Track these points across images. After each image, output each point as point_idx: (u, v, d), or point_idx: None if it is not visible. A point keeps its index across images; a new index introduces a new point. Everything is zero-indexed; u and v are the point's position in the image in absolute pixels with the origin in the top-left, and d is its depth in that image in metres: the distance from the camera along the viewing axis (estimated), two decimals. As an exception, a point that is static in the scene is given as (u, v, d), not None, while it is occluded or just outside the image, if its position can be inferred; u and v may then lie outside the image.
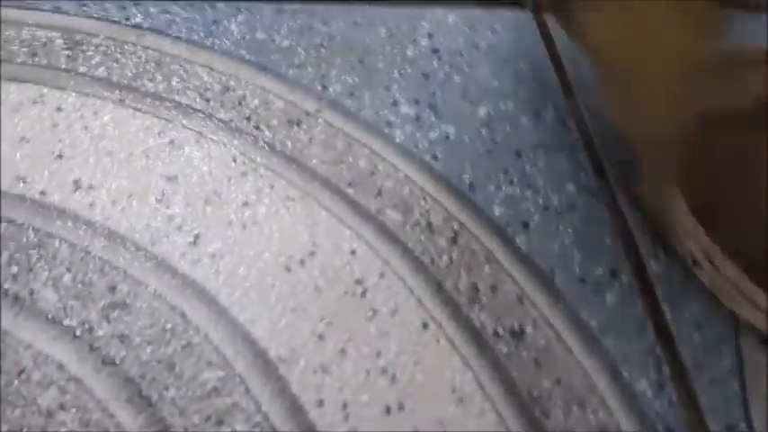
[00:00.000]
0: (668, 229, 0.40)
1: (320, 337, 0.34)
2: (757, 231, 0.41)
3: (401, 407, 0.32)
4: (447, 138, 0.42)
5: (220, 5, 0.45)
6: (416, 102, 0.43)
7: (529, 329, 0.36)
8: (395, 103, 0.43)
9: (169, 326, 0.32)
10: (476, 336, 0.35)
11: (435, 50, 0.46)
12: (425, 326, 0.35)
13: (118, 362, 0.31)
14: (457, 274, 0.37)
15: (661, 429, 0.34)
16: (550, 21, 0.50)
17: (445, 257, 0.37)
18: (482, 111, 0.44)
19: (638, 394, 0.35)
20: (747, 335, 0.38)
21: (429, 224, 0.38)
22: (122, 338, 0.32)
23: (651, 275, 0.39)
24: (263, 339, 0.33)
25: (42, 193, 0.35)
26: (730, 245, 0.39)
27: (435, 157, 0.41)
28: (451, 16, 0.48)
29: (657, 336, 0.37)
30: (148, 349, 0.31)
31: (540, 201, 0.41)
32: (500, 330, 0.36)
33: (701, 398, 0.35)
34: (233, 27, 0.44)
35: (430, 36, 0.47)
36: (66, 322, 0.32)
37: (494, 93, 0.45)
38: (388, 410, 0.32)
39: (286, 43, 0.44)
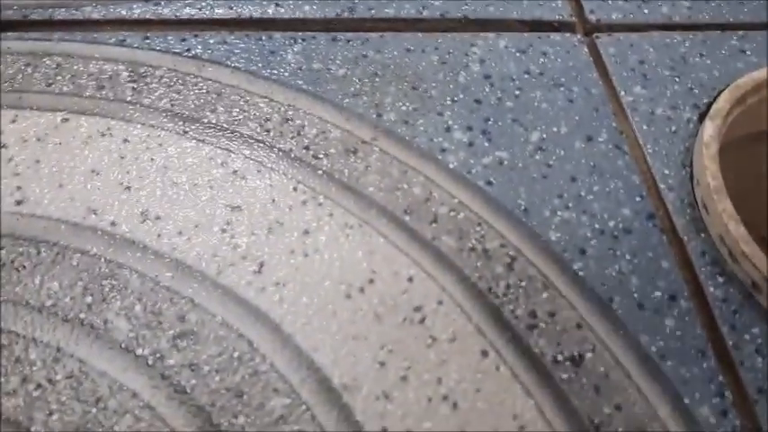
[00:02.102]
0: None
1: (381, 364, 0.34)
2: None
3: (463, 434, 0.33)
4: (501, 163, 0.43)
5: (277, 36, 0.46)
6: (469, 128, 0.44)
7: (588, 356, 0.36)
8: (448, 130, 0.44)
9: (236, 354, 0.33)
10: (535, 363, 0.35)
11: (487, 76, 0.47)
12: (485, 353, 0.35)
13: (189, 390, 0.32)
14: (515, 300, 0.37)
15: (725, 458, 0.34)
16: (600, 44, 0.50)
17: (502, 284, 0.38)
18: (535, 136, 0.44)
19: (701, 420, 0.35)
20: (810, 360, 0.38)
21: (485, 250, 0.39)
22: (192, 367, 0.33)
23: (710, 300, 0.39)
24: (326, 367, 0.33)
25: (113, 224, 0.36)
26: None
27: (489, 183, 0.42)
28: (502, 42, 0.49)
29: (719, 361, 0.37)
30: (217, 378, 0.32)
31: (597, 225, 0.41)
32: (559, 357, 0.36)
33: (764, 424, 0.35)
34: (289, 57, 0.45)
35: (481, 62, 0.47)
36: (139, 351, 0.33)
37: (546, 117, 0.45)
38: (450, 438, 0.32)
39: (341, 72, 0.45)
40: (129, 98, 0.41)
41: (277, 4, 0.48)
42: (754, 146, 0.50)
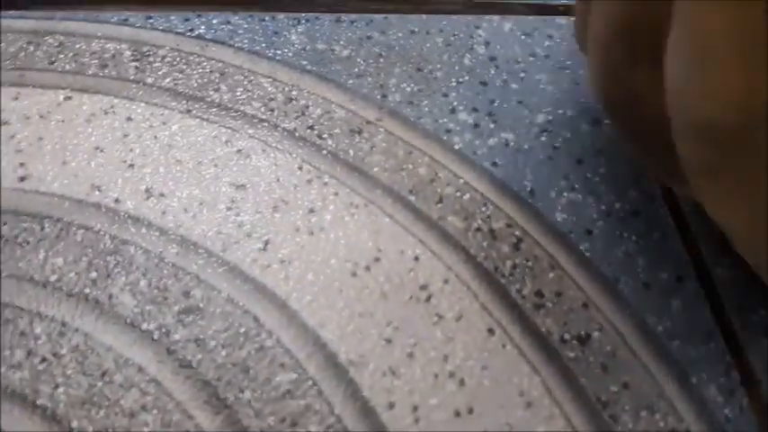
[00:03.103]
0: None
1: (388, 341, 0.34)
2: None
3: (470, 411, 0.33)
4: (506, 145, 0.43)
5: (281, 17, 0.46)
6: (475, 109, 0.44)
7: (595, 335, 0.36)
8: (453, 111, 0.44)
9: (242, 330, 0.33)
10: (542, 341, 0.36)
11: (492, 58, 0.47)
12: (491, 331, 0.36)
13: (195, 365, 0.32)
14: (521, 280, 0.37)
15: (733, 435, 0.34)
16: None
17: (509, 264, 0.38)
18: (541, 117, 0.44)
19: (708, 399, 0.35)
20: (817, 341, 0.38)
21: (491, 230, 0.39)
22: (198, 342, 0.33)
23: (717, 281, 0.39)
24: (332, 343, 0.34)
25: (116, 201, 0.37)
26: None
27: (495, 164, 0.42)
28: (507, 24, 0.49)
29: (726, 342, 0.37)
30: (223, 352, 0.33)
31: (603, 207, 0.41)
32: (566, 336, 0.36)
33: (772, 404, 0.35)
34: (293, 38, 0.45)
35: (486, 44, 0.48)
36: (144, 326, 0.33)
37: (552, 99, 0.45)
38: (457, 414, 0.33)
39: (345, 53, 0.45)
40: (132, 77, 0.42)
41: (280, -14, 0.48)
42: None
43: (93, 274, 0.34)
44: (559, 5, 0.51)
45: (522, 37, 0.49)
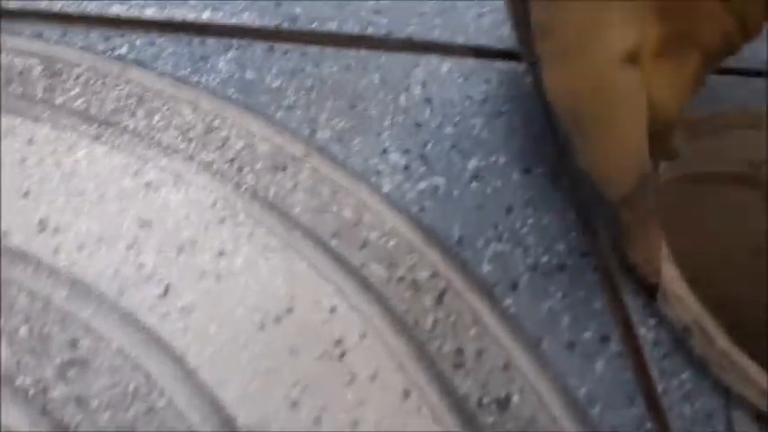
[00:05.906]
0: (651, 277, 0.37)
1: (294, 403, 0.30)
2: (752, 296, 0.38)
3: (378, 484, 0.28)
4: (436, 190, 0.39)
5: (210, 41, 0.41)
6: (407, 151, 0.40)
7: (515, 398, 0.32)
8: (384, 152, 0.40)
9: (131, 387, 0.28)
10: (459, 405, 0.31)
11: (428, 100, 0.43)
12: (407, 393, 0.31)
13: (72, 428, 0.27)
14: (442, 336, 0.33)
15: None
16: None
17: (430, 318, 0.34)
18: (472, 163, 0.41)
19: (629, 473, 0.31)
20: (739, 408, 0.35)
21: (414, 281, 0.35)
22: (79, 401, 0.28)
23: (642, 343, 0.36)
24: (232, 405, 0.29)
25: (4, 233, 0.31)
26: (724, 314, 0.36)
27: (423, 209, 0.38)
28: (446, 66, 0.45)
29: (647, 407, 0.34)
30: (107, 414, 0.27)
31: (530, 260, 0.37)
32: (485, 399, 0.32)
33: (692, 478, 0.32)
34: (221, 64, 0.41)
35: (423, 84, 0.43)
36: (19, 381, 0.27)
37: (485, 145, 0.42)
38: (363, 488, 0.28)
39: (276, 84, 0.41)
40: (39, 96, 0.36)
41: (214, 9, 0.43)
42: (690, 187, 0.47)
43: (-34, 318, 0.29)
44: (499, 49, 0.47)
45: (460, 79, 0.45)
